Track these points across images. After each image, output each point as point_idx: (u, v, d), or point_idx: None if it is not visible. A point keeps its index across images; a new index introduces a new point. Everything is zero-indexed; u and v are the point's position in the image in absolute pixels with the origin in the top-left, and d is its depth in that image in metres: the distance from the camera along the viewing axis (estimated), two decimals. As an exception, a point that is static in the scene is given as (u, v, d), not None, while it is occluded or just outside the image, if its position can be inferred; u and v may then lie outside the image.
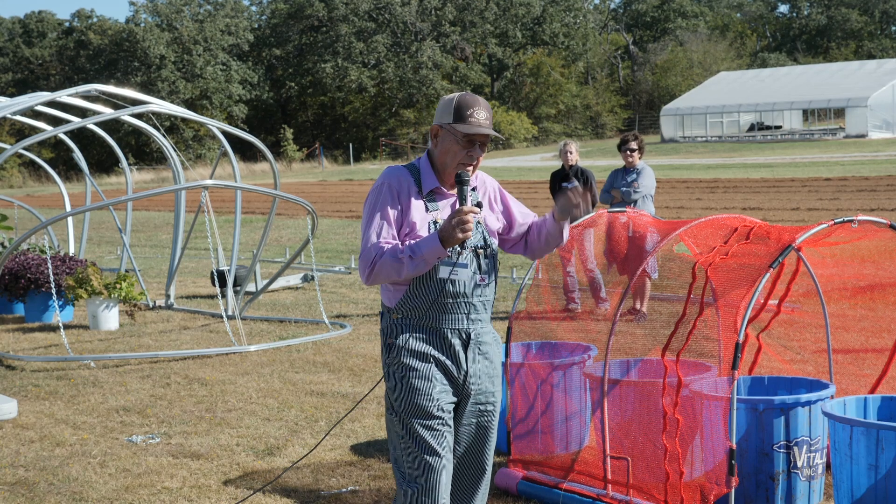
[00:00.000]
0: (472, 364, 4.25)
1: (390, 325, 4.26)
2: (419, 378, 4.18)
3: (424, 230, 4.17)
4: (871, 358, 6.39)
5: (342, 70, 71.80)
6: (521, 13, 75.15)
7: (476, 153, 4.21)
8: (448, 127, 4.19)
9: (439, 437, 4.20)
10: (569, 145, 12.05)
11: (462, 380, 4.24)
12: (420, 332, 4.20)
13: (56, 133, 12.34)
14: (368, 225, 4.19)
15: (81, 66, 72.64)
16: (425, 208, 4.21)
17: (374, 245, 4.13)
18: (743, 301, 5.23)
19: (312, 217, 12.07)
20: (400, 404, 4.21)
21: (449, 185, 4.27)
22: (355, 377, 9.30)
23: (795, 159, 41.76)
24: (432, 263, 4.10)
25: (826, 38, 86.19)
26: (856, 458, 5.20)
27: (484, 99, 4.29)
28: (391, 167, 4.29)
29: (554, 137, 69.13)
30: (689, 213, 22.30)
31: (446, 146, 4.21)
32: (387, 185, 4.21)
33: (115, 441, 7.51)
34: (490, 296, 4.30)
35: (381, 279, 4.15)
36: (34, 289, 12.48)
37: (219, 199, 26.20)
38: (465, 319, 4.22)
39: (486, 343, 4.30)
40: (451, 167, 4.21)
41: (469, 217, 3.99)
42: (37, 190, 49.34)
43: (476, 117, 4.19)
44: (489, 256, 4.28)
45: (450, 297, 4.18)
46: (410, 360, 4.20)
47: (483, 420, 4.33)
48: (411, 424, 4.19)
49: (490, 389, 4.33)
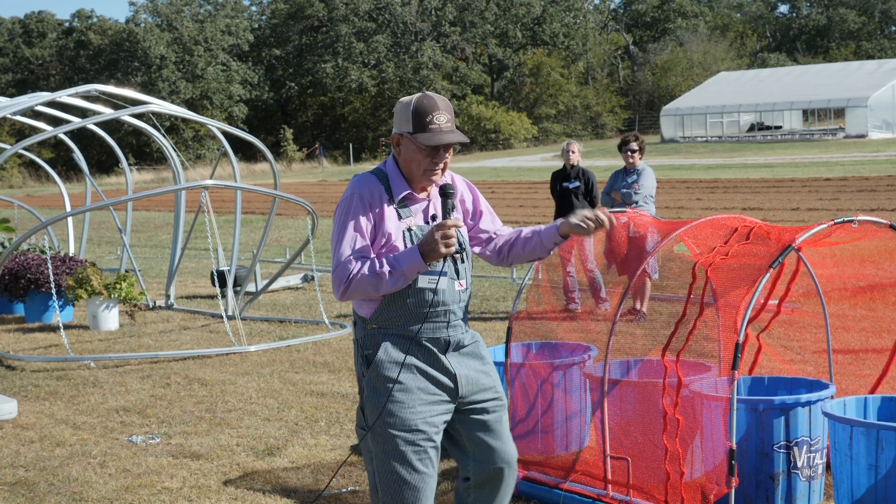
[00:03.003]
0: (460, 367, 4.13)
1: (366, 336, 4.10)
2: (402, 390, 4.03)
3: (399, 239, 4.03)
4: (871, 358, 6.39)
5: (342, 70, 71.83)
6: (521, 13, 75.17)
7: (441, 160, 4.03)
8: (409, 137, 4.01)
9: (421, 454, 4.04)
10: (571, 145, 12.09)
11: (454, 385, 4.11)
12: (399, 341, 4.06)
13: (56, 133, 12.34)
14: (340, 238, 4.01)
15: (81, 66, 72.64)
16: (398, 216, 4.06)
17: (348, 259, 3.98)
18: (743, 301, 5.23)
19: (312, 217, 12.07)
20: (381, 418, 4.03)
21: (419, 190, 4.11)
22: (355, 377, 9.30)
23: (795, 159, 41.76)
24: (412, 278, 3.98)
25: (826, 38, 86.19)
26: (856, 458, 5.20)
27: (442, 97, 4.08)
28: (358, 175, 4.12)
29: (554, 138, 69.14)
30: (689, 214, 22.29)
31: (409, 155, 4.04)
32: (357, 196, 4.03)
33: (115, 441, 7.51)
34: (467, 299, 4.20)
35: (356, 295, 4.00)
36: (34, 289, 12.48)
37: (219, 199, 26.19)
38: (445, 327, 4.11)
39: (468, 344, 4.19)
40: (417, 175, 4.05)
41: (453, 231, 3.88)
42: (37, 190, 49.35)
43: (437, 122, 3.98)
44: (465, 260, 4.16)
45: (430, 307, 4.04)
46: (392, 372, 4.03)
47: (491, 417, 4.21)
48: (392, 439, 4.02)
49: (488, 385, 4.21)
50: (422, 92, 4.13)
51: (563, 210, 12.03)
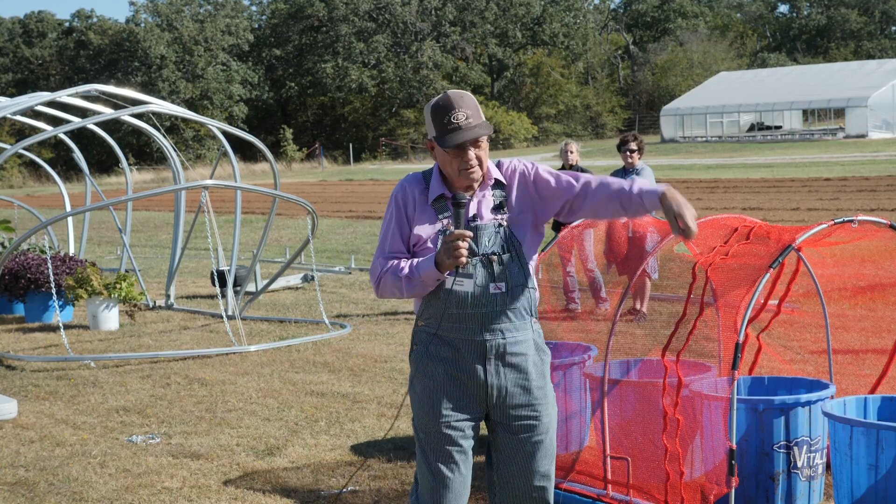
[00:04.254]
0: (495, 376, 4.03)
1: (415, 331, 4.16)
2: (430, 392, 4.05)
3: (431, 241, 4.05)
4: (871, 358, 6.39)
5: (342, 70, 71.82)
6: (521, 13, 75.17)
7: (470, 157, 4.01)
8: (435, 142, 4.03)
9: (445, 457, 4.04)
10: (569, 145, 12.11)
11: (485, 393, 4.04)
12: (437, 342, 4.06)
13: (56, 133, 12.34)
14: (381, 237, 4.14)
15: (81, 66, 72.63)
16: (434, 217, 4.07)
17: (380, 261, 4.08)
18: (743, 301, 5.23)
19: (312, 217, 12.07)
20: (414, 415, 4.13)
21: (465, 190, 4.07)
22: (355, 377, 9.30)
23: (795, 159, 41.76)
24: (432, 284, 3.99)
25: (826, 38, 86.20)
26: (856, 458, 5.20)
27: (462, 93, 4.03)
28: (407, 175, 4.18)
29: (554, 137, 69.13)
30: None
31: (442, 158, 4.06)
32: (394, 198, 4.11)
33: (115, 441, 7.51)
34: (516, 303, 4.03)
35: (387, 294, 4.08)
36: (34, 289, 12.48)
37: (219, 199, 26.18)
38: (480, 331, 4.01)
39: (514, 354, 4.04)
40: (455, 176, 4.05)
41: (459, 243, 3.85)
42: (37, 190, 49.35)
43: (455, 121, 3.97)
44: (508, 261, 4.03)
45: (459, 308, 4.01)
46: (425, 371, 4.07)
47: (522, 435, 4.07)
48: (422, 439, 4.09)
49: (526, 402, 4.06)
50: (444, 91, 4.12)
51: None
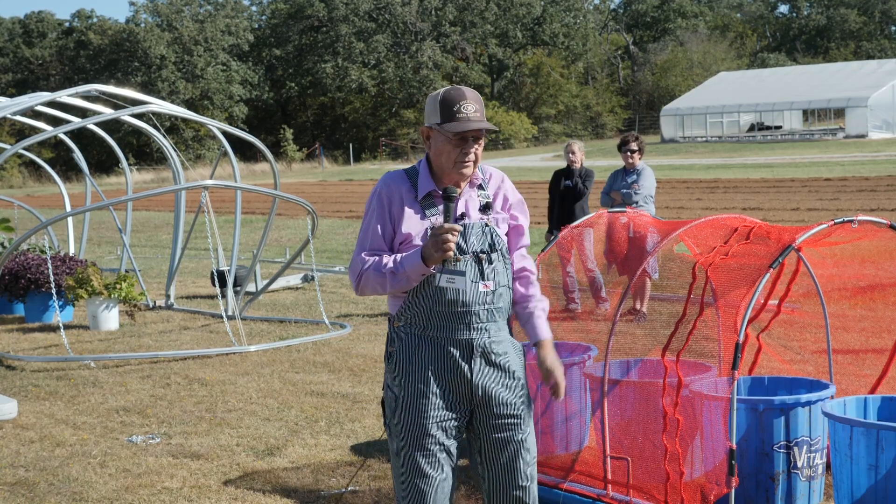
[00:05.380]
0: (480, 375, 4.01)
1: (391, 333, 4.09)
2: (414, 394, 3.99)
3: (420, 238, 3.99)
4: (871, 358, 6.39)
5: (342, 70, 71.84)
6: (521, 13, 75.19)
7: (470, 149, 3.99)
8: (437, 128, 3.99)
9: (430, 458, 4.00)
10: (572, 146, 12.18)
11: (470, 392, 4.02)
12: (420, 342, 4.00)
13: (56, 133, 12.34)
14: (361, 234, 4.08)
15: (81, 66, 72.64)
16: (422, 215, 4.03)
17: (361, 257, 4.03)
18: (743, 301, 5.23)
19: (312, 217, 12.07)
20: (392, 418, 4.03)
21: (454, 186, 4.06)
22: (355, 377, 9.31)
23: (795, 159, 41.76)
24: (417, 280, 3.94)
25: (826, 38, 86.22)
26: (856, 458, 5.20)
27: (471, 89, 4.06)
28: (389, 173, 4.13)
29: (554, 138, 69.17)
30: (689, 214, 22.29)
31: (439, 147, 4.00)
32: (377, 194, 4.05)
33: (115, 441, 7.51)
34: (501, 302, 4.04)
35: (368, 291, 4.03)
36: (34, 289, 12.48)
37: (219, 199, 26.18)
38: (467, 329, 3.99)
39: (497, 353, 4.03)
40: (448, 169, 4.01)
41: (448, 236, 3.81)
42: (37, 190, 49.35)
43: (465, 112, 3.95)
44: (495, 261, 4.02)
45: (448, 306, 3.97)
46: (407, 373, 4.00)
47: (505, 434, 4.05)
48: (402, 442, 4.01)
49: (509, 401, 4.05)
50: (452, 86, 4.11)
51: (559, 208, 12.11)
